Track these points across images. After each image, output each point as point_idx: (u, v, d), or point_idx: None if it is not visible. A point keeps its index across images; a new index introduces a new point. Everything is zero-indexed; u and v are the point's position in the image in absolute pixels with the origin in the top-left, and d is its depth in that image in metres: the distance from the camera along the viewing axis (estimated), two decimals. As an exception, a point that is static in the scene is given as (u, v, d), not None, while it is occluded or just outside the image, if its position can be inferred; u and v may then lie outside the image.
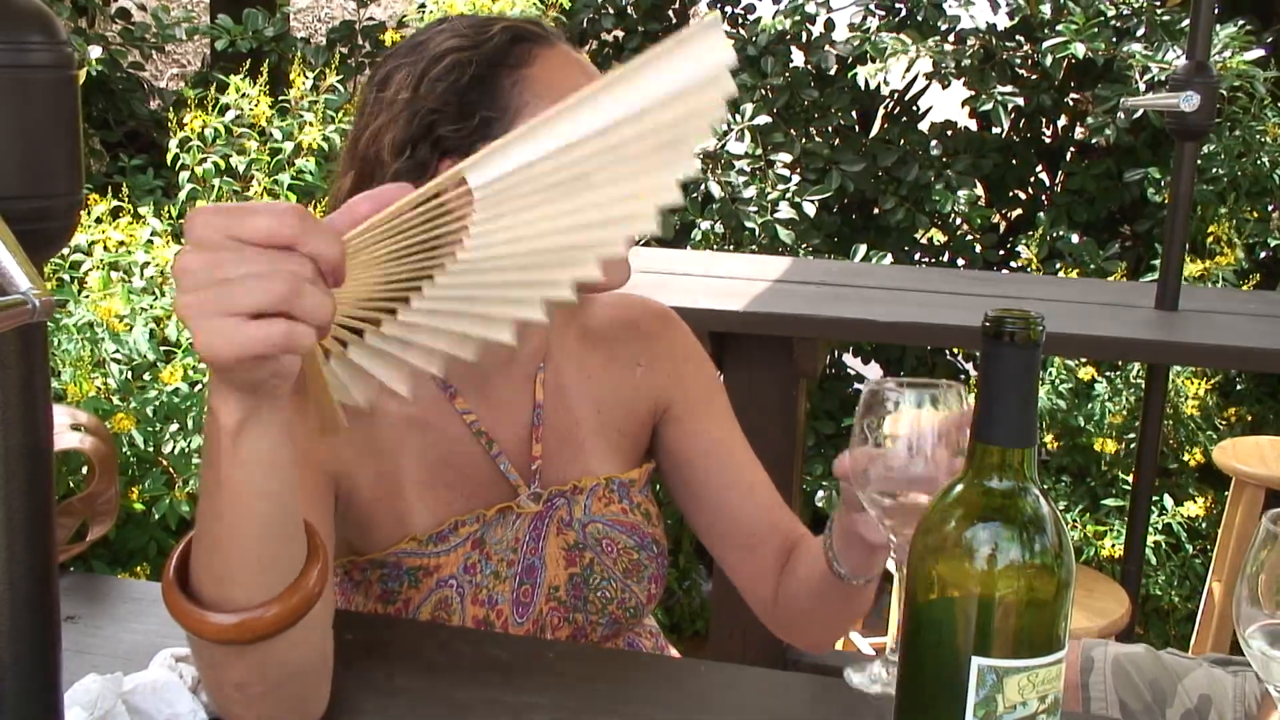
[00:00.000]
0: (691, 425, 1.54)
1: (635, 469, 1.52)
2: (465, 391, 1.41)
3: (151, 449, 2.59)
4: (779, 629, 1.56)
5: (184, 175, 3.26)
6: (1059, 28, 4.42)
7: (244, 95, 3.35)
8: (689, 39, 0.89)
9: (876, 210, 4.66)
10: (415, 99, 1.31)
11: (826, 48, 4.79)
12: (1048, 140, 5.19)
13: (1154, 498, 3.71)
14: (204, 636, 1.00)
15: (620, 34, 5.09)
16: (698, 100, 0.90)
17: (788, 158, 4.37)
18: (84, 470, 2.25)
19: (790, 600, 1.49)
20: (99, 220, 3.00)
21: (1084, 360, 3.97)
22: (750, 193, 4.20)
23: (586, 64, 1.38)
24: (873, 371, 4.92)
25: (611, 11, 5.03)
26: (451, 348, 0.99)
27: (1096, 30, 4.31)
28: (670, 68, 0.89)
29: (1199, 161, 4.21)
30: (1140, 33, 4.48)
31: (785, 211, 4.22)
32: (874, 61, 4.41)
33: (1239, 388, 4.24)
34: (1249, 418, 4.14)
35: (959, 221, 4.73)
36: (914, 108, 5.16)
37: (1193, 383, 3.93)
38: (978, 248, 4.66)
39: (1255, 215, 4.32)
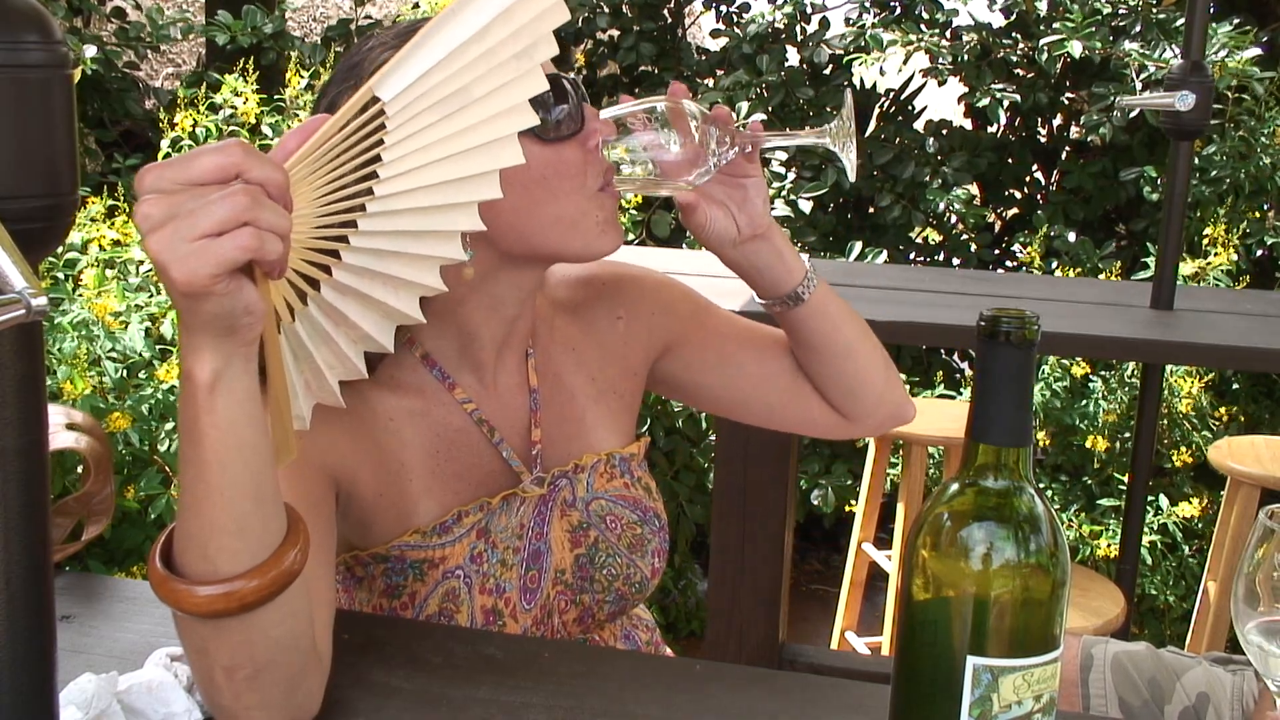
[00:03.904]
0: (698, 342, 1.57)
1: (634, 443, 1.53)
2: (464, 381, 1.41)
3: (147, 448, 2.58)
4: (857, 424, 1.59)
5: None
6: (1055, 25, 4.42)
7: (237, 94, 3.35)
8: None
9: (872, 209, 4.67)
10: None
11: (821, 45, 4.79)
12: (1043, 139, 5.20)
13: (1150, 497, 3.72)
14: (188, 610, 1.01)
15: (616, 33, 5.09)
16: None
17: (784, 155, 4.37)
18: (79, 470, 2.25)
19: (821, 384, 1.54)
20: (94, 219, 3.00)
21: (1079, 358, 3.97)
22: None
23: None
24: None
25: (606, 10, 5.03)
26: (391, 299, 1.06)
27: (1093, 28, 4.32)
28: None
29: (1199, 161, 4.22)
30: (1136, 30, 4.48)
31: (781, 209, 4.22)
32: (868, 53, 4.41)
33: (1234, 387, 4.25)
34: (1244, 417, 4.15)
35: (954, 220, 4.73)
36: (909, 107, 5.17)
37: (1185, 381, 3.94)
38: (973, 246, 4.66)
39: (1254, 215, 4.33)
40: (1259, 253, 4.43)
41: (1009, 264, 4.90)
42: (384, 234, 1.03)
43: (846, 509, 4.07)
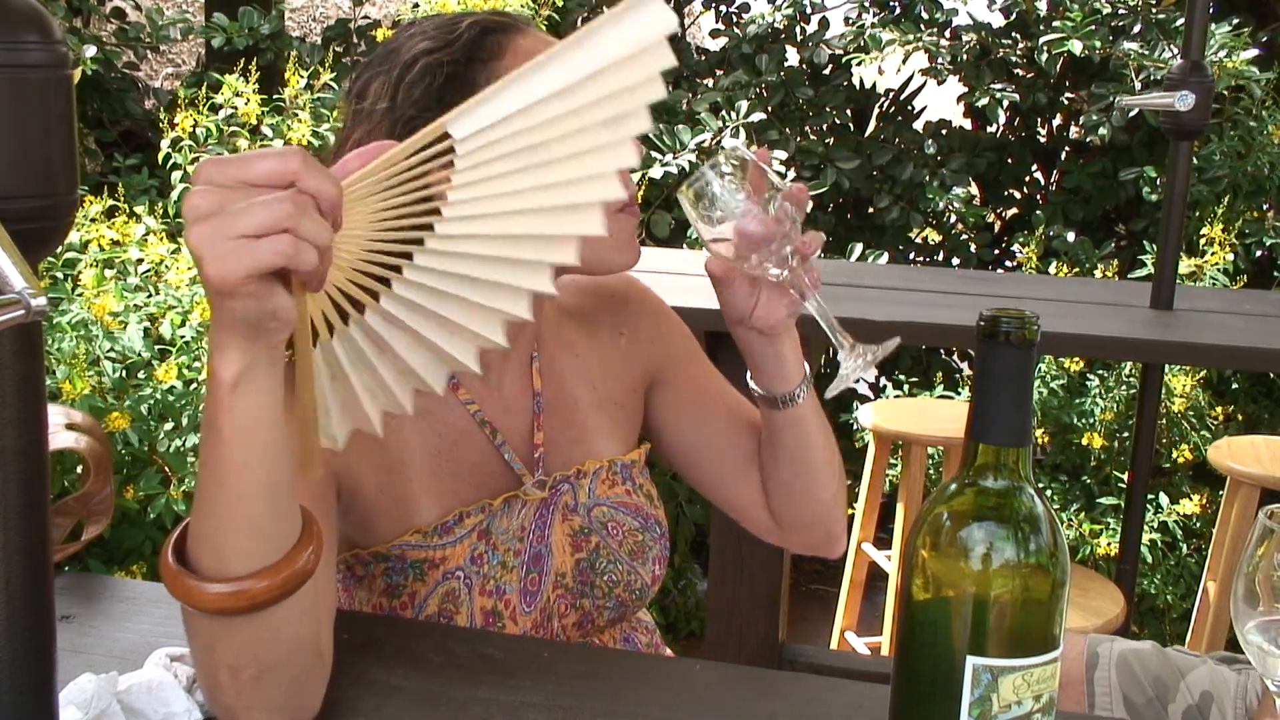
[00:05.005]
0: (680, 381, 1.57)
1: (635, 450, 1.53)
2: (467, 382, 1.41)
3: (146, 448, 2.58)
4: (785, 530, 1.56)
5: (176, 175, 3.26)
6: (1055, 25, 4.42)
7: (237, 94, 3.34)
8: (632, 6, 0.98)
9: (871, 209, 4.67)
10: (394, 107, 1.32)
11: (820, 45, 4.79)
12: (1043, 139, 5.20)
13: (1149, 496, 3.72)
14: (198, 606, 1.01)
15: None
16: (642, 65, 0.98)
17: (783, 155, 4.37)
18: (79, 470, 2.25)
19: (769, 484, 1.52)
20: (93, 219, 3.00)
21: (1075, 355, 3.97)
22: (745, 189, 4.20)
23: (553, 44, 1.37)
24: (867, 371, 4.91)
25: (606, 11, 5.02)
26: (444, 342, 1.04)
27: (1093, 28, 4.32)
28: (617, 30, 0.98)
29: (1197, 161, 4.22)
30: (1136, 30, 4.48)
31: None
32: (867, 52, 4.41)
33: (1234, 387, 4.25)
34: (1243, 416, 4.15)
35: (954, 220, 4.73)
36: (909, 107, 5.17)
37: (1180, 379, 3.93)
38: (973, 247, 4.66)
39: (1253, 215, 4.32)
40: (1258, 253, 4.43)
41: (1008, 264, 4.90)
42: (442, 274, 1.01)
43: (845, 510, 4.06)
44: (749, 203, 1.26)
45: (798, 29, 4.88)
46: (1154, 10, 4.47)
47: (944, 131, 4.87)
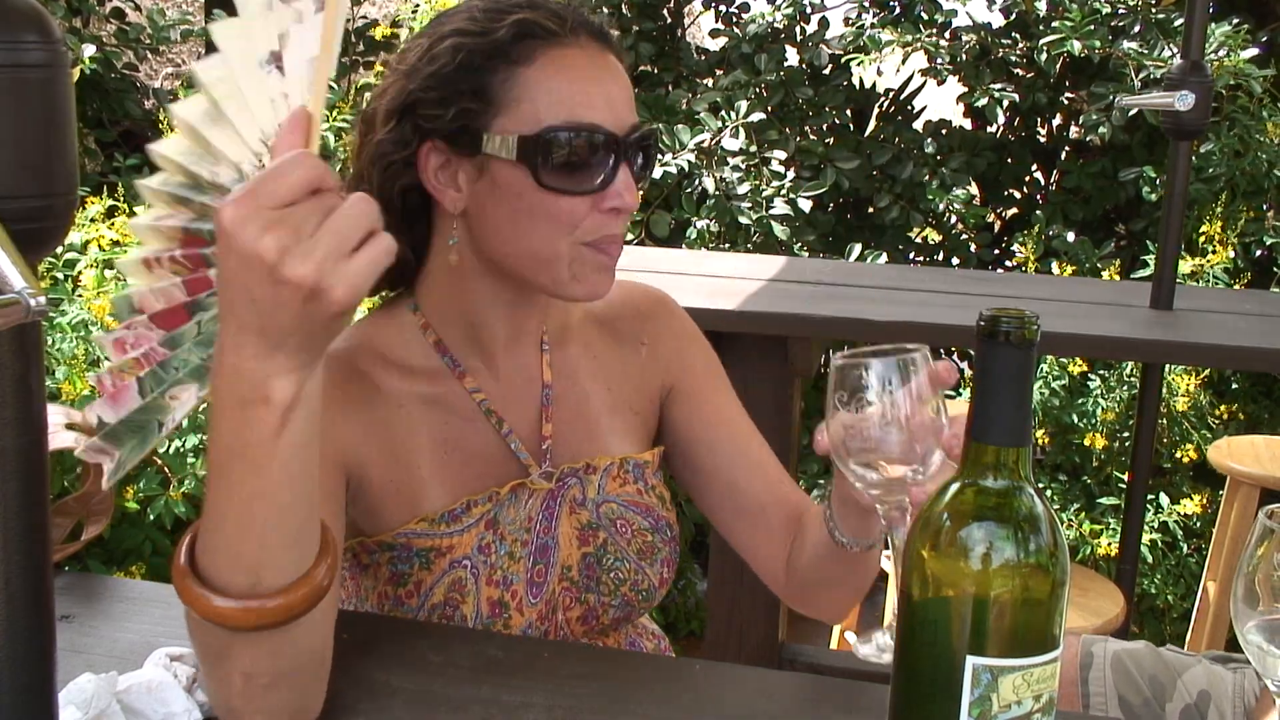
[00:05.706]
0: (697, 402, 1.56)
1: (649, 450, 1.53)
2: (473, 370, 1.42)
3: (146, 448, 2.58)
4: (792, 600, 1.55)
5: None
6: (1054, 25, 4.42)
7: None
8: None
9: (871, 209, 4.66)
10: (412, 72, 1.32)
11: (820, 45, 4.79)
12: (1043, 139, 5.20)
13: (1149, 496, 3.72)
14: (219, 622, 1.00)
15: (615, 33, 5.08)
16: None
17: (782, 155, 4.37)
18: (79, 470, 2.25)
19: (800, 570, 1.48)
20: (93, 220, 3.00)
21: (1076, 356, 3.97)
22: (745, 189, 4.21)
23: (598, 63, 1.35)
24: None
25: (606, 10, 5.03)
26: None
27: (1092, 27, 4.32)
28: None
29: (1195, 160, 4.21)
30: (1136, 30, 4.49)
31: (780, 208, 4.21)
32: (867, 53, 4.42)
33: (1234, 386, 4.25)
34: (1243, 416, 4.15)
35: (954, 220, 4.73)
36: (909, 106, 5.16)
37: (1183, 379, 3.93)
38: (972, 246, 4.66)
39: (1251, 214, 4.32)
40: (1258, 253, 4.43)
41: (1008, 264, 4.90)
42: None
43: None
44: (901, 414, 1.11)
45: (797, 29, 4.88)
46: (1154, 10, 4.47)
47: (944, 131, 4.86)
